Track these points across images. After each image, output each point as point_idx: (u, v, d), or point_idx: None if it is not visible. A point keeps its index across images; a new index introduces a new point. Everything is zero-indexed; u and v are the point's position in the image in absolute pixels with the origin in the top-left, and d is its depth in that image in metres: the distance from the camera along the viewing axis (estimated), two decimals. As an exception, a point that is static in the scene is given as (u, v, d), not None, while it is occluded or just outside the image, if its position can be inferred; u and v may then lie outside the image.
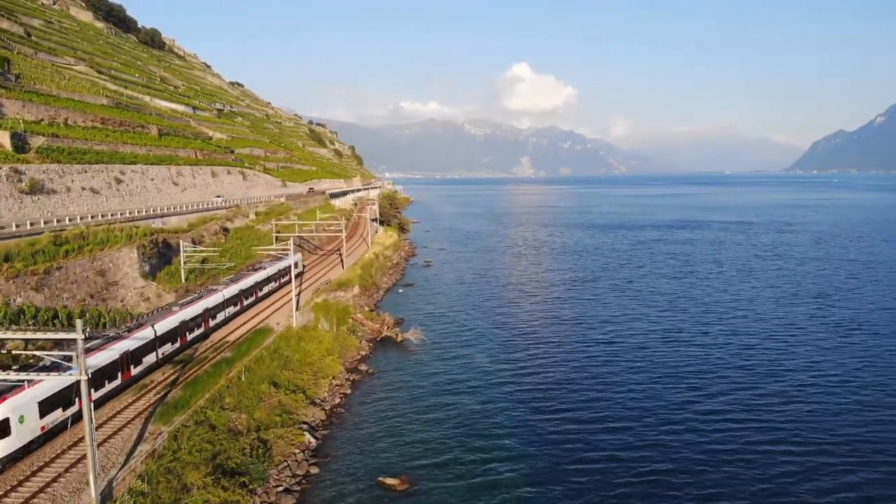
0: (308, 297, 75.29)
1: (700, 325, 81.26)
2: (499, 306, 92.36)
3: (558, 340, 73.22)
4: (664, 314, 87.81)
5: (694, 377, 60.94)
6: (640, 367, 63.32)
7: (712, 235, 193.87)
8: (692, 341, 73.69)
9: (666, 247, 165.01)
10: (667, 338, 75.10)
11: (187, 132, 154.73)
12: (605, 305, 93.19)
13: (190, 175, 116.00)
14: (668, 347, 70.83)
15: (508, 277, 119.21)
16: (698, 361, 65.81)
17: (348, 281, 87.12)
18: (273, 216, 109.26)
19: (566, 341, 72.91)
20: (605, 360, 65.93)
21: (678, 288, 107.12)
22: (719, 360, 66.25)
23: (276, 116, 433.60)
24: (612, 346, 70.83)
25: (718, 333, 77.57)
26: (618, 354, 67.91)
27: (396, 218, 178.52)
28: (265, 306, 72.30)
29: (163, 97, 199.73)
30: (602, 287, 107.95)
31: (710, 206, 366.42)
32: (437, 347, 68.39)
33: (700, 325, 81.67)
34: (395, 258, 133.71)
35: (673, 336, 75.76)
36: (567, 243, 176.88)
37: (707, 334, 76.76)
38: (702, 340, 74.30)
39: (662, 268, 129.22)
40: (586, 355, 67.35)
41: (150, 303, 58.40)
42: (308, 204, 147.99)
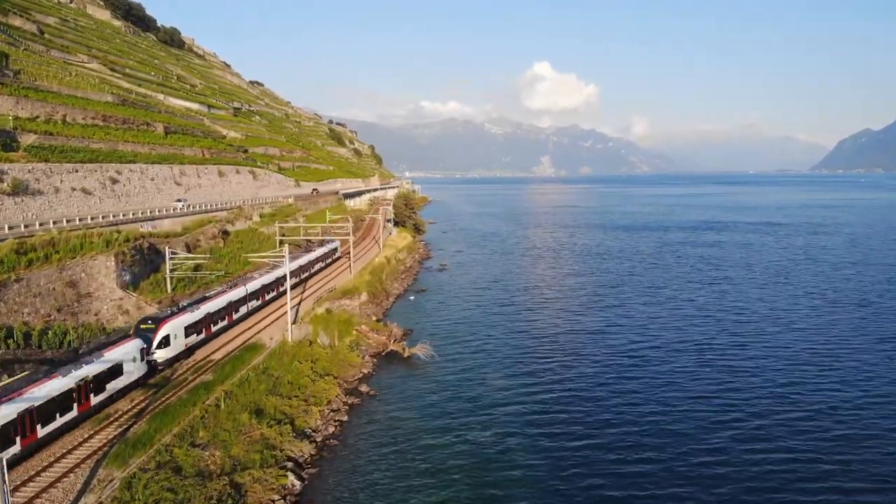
0: (309, 307, 69.59)
1: (735, 339, 74.31)
2: (515, 316, 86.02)
3: (580, 356, 66.77)
4: (695, 325, 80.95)
5: (732, 397, 54.39)
6: (673, 387, 56.77)
7: (741, 237, 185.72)
8: (727, 357, 66.86)
9: (693, 250, 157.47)
10: (700, 353, 68.35)
11: (198, 131, 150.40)
12: (630, 315, 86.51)
13: (194, 174, 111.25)
14: (701, 364, 64.11)
15: (526, 283, 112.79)
16: (736, 380, 59.10)
17: (355, 288, 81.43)
18: (279, 218, 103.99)
19: (589, 357, 66.47)
20: (633, 378, 59.44)
21: (709, 295, 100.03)
22: (758, 378, 59.50)
23: (295, 116, 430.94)
24: (640, 363, 64.24)
25: (756, 347, 70.62)
26: (647, 372, 61.41)
27: (412, 219, 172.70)
28: (259, 319, 66.52)
29: (177, 95, 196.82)
30: (627, 294, 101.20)
31: (735, 206, 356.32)
32: (446, 364, 62.22)
33: (735, 338, 74.72)
34: (408, 261, 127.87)
35: (706, 351, 68.95)
36: (588, 245, 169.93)
37: (743, 349, 69.82)
38: (738, 356, 67.45)
39: (690, 273, 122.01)
40: (612, 374, 60.86)
41: (130, 316, 53.12)
42: (319, 205, 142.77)
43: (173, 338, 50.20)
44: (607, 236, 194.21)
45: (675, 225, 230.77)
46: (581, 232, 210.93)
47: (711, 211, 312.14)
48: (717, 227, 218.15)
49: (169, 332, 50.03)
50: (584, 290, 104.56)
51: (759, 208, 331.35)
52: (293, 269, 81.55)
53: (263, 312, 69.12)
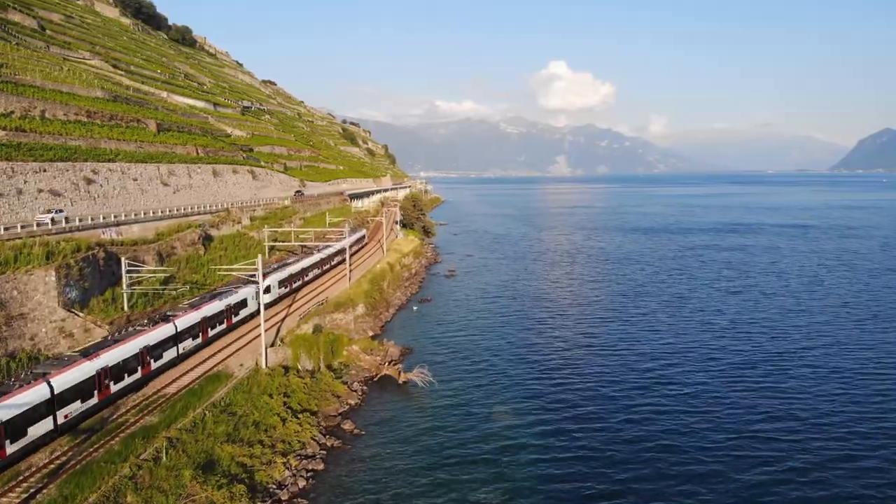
0: (293, 324, 61.69)
1: (775, 360, 65.65)
2: (526, 332, 77.58)
3: (598, 380, 58.32)
4: (727, 341, 72.35)
5: (774, 429, 46.38)
6: (710, 422, 48.46)
7: (767, 241, 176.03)
8: (767, 382, 58.45)
9: (718, 254, 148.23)
10: (733, 375, 59.97)
11: (197, 128, 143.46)
12: (653, 330, 77.89)
13: (185, 174, 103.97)
14: (738, 390, 55.67)
15: (539, 292, 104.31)
16: (778, 408, 50.90)
17: (350, 300, 73.57)
18: (273, 221, 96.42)
19: (608, 381, 58.04)
20: (657, 407, 51.16)
21: (739, 308, 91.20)
22: (802, 405, 51.22)
23: (308, 115, 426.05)
24: (665, 390, 55.74)
25: (797, 368, 62.20)
26: (673, 400, 53.01)
27: (420, 221, 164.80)
28: (234, 338, 58.51)
29: (182, 93, 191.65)
30: (648, 305, 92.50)
31: (758, 206, 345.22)
32: (446, 393, 53.97)
33: (775, 359, 66.05)
34: (414, 267, 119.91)
35: (743, 375, 60.45)
36: (606, 249, 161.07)
37: (784, 371, 61.26)
38: (778, 379, 59.15)
39: (717, 281, 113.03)
40: (634, 402, 52.54)
41: (75, 339, 45.64)
42: (320, 206, 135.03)
43: (274, 287, 71.48)
44: (626, 239, 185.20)
45: (697, 227, 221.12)
46: (598, 234, 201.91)
47: (733, 212, 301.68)
48: (740, 230, 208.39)
49: (270, 282, 71.01)
50: (602, 301, 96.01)
51: (782, 209, 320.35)
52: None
53: (241, 331, 61.23)
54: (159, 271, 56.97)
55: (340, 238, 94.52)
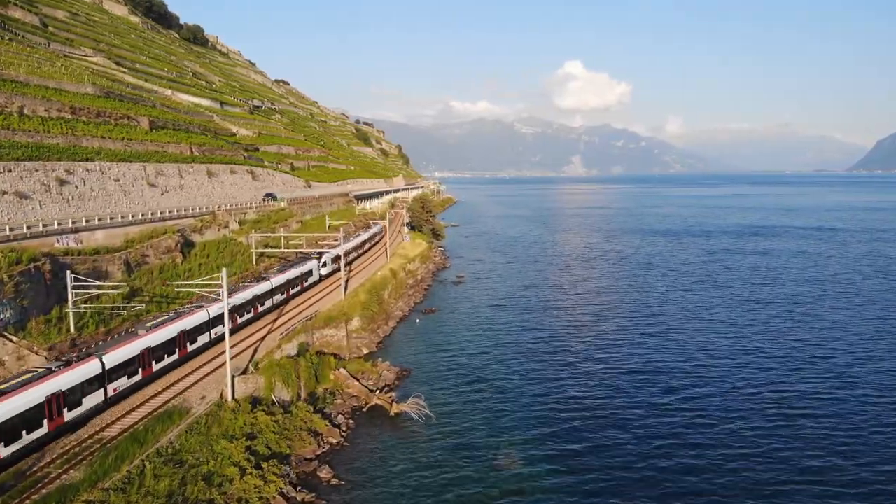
0: (274, 344, 54.61)
1: (813, 378, 58.09)
2: (538, 349, 69.94)
3: (620, 411, 50.77)
4: (762, 361, 64.59)
5: (823, 463, 38.70)
6: (745, 453, 41.11)
7: (794, 245, 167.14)
8: (811, 408, 50.87)
9: (743, 259, 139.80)
10: (774, 403, 52.37)
11: (196, 126, 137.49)
12: (681, 348, 69.99)
13: (176, 174, 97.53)
14: (778, 421, 48.12)
15: (553, 302, 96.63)
16: (827, 444, 43.31)
17: (344, 313, 66.54)
18: (266, 224, 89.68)
19: (632, 411, 50.60)
20: (692, 446, 43.71)
21: (772, 320, 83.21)
22: (852, 437, 43.60)
23: (321, 115, 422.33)
24: (700, 424, 48.21)
25: (843, 394, 54.44)
26: (710, 436, 45.53)
27: (429, 223, 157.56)
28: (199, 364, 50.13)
29: (188, 91, 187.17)
30: (673, 317, 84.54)
31: (779, 208, 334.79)
32: (444, 428, 46.51)
33: (813, 377, 58.48)
34: (420, 273, 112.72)
35: (781, 400, 52.91)
36: (624, 253, 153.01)
37: (829, 398, 53.51)
38: (821, 405, 51.51)
39: (745, 289, 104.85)
40: (662, 437, 45.18)
41: (6, 368, 39.06)
42: (321, 208, 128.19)
43: (330, 262, 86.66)
44: (644, 242, 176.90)
45: (718, 229, 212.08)
46: (615, 237, 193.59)
47: (754, 213, 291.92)
48: (764, 233, 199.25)
49: (327, 258, 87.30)
50: (622, 313, 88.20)
51: (805, 210, 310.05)
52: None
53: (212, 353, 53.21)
54: (107, 286, 49.19)
55: (335, 244, 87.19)
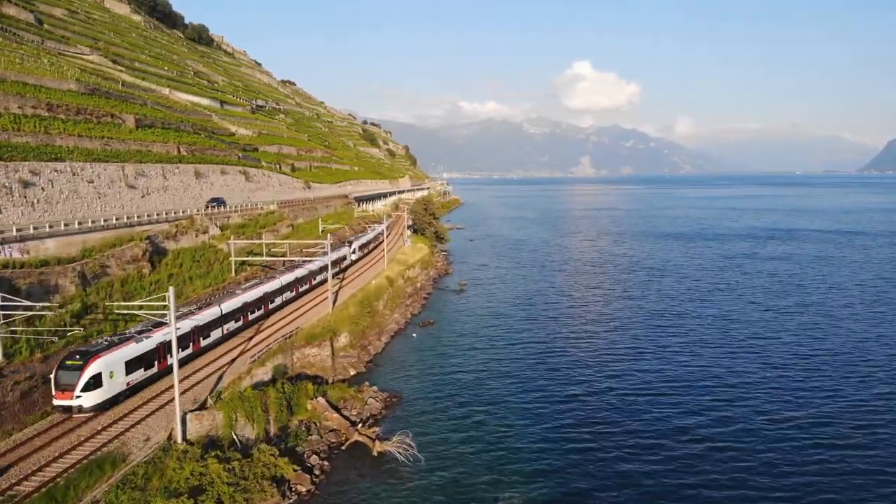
0: (244, 369, 48.12)
1: (855, 405, 51.37)
2: (544, 368, 63.23)
3: (636, 446, 44.39)
4: (793, 382, 57.91)
5: None
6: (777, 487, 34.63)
7: (814, 249, 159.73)
8: (851, 434, 44.26)
9: (762, 265, 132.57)
10: (809, 430, 45.77)
11: (189, 125, 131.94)
12: (701, 367, 63.10)
13: (159, 175, 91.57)
14: (811, 451, 41.52)
15: (561, 312, 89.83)
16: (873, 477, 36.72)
17: (330, 329, 60.21)
18: (252, 230, 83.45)
19: (646, 446, 44.23)
20: (716, 485, 37.25)
21: (800, 333, 76.29)
22: None
23: (327, 115, 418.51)
24: (727, 457, 41.82)
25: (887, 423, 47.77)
26: (737, 473, 39.08)
27: (432, 226, 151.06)
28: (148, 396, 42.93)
29: (188, 90, 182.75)
30: (691, 330, 77.57)
31: (793, 209, 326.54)
32: (432, 474, 39.60)
33: (853, 401, 51.79)
34: (420, 280, 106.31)
35: (815, 426, 46.32)
36: (635, 258, 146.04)
37: (872, 427, 46.88)
38: (861, 434, 44.88)
39: (768, 298, 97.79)
40: (681, 477, 38.71)
41: None
42: (317, 211, 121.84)
43: (357, 249, 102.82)
44: (656, 246, 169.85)
45: (732, 232, 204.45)
46: (626, 240, 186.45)
47: (769, 215, 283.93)
48: (781, 236, 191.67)
49: (355, 245, 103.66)
50: (635, 325, 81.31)
51: (821, 212, 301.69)
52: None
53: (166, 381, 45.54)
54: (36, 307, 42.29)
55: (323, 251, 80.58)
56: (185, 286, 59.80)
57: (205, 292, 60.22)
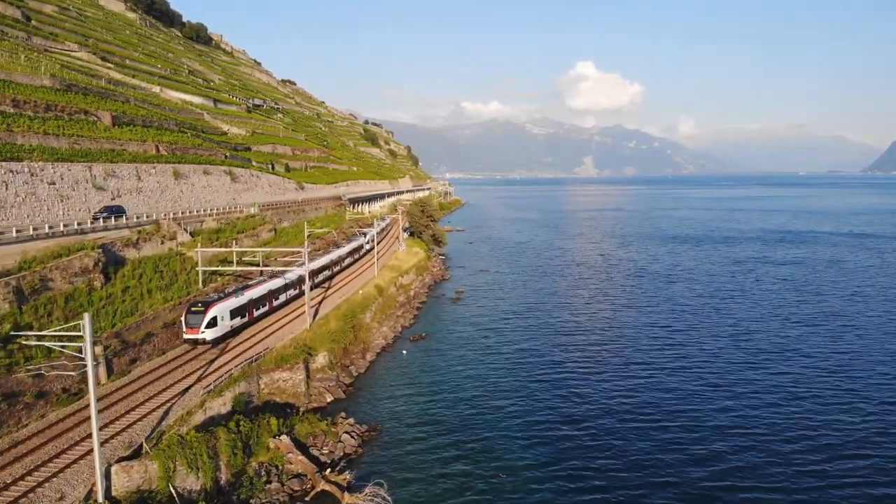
0: (195, 403, 41.35)
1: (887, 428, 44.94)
2: (546, 391, 56.52)
3: (647, 481, 38.00)
4: (820, 401, 51.42)
5: None
6: None
7: (827, 253, 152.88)
8: None
9: (775, 270, 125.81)
10: (839, 460, 39.32)
11: (172, 122, 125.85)
12: (718, 385, 56.66)
13: (132, 175, 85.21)
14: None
15: (563, 323, 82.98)
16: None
17: (304, 349, 53.74)
18: (227, 235, 77.01)
19: (663, 480, 37.76)
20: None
21: (821, 347, 69.88)
22: None
23: (327, 115, 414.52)
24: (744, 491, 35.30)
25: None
26: None
27: (429, 229, 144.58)
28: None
29: (181, 89, 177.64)
30: (705, 344, 70.75)
31: (801, 210, 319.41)
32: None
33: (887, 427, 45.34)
34: (413, 287, 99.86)
35: (847, 455, 39.87)
36: (641, 262, 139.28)
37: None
38: None
39: (784, 307, 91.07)
40: None
41: None
42: (304, 213, 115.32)
43: (373, 238, 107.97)
44: (663, 249, 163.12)
45: (742, 235, 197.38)
46: (631, 243, 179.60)
47: (777, 217, 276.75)
48: (791, 239, 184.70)
49: (371, 236, 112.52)
50: (643, 340, 74.52)
51: (829, 214, 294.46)
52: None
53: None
54: None
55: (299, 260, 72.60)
56: (142, 301, 53.25)
57: (164, 307, 53.67)
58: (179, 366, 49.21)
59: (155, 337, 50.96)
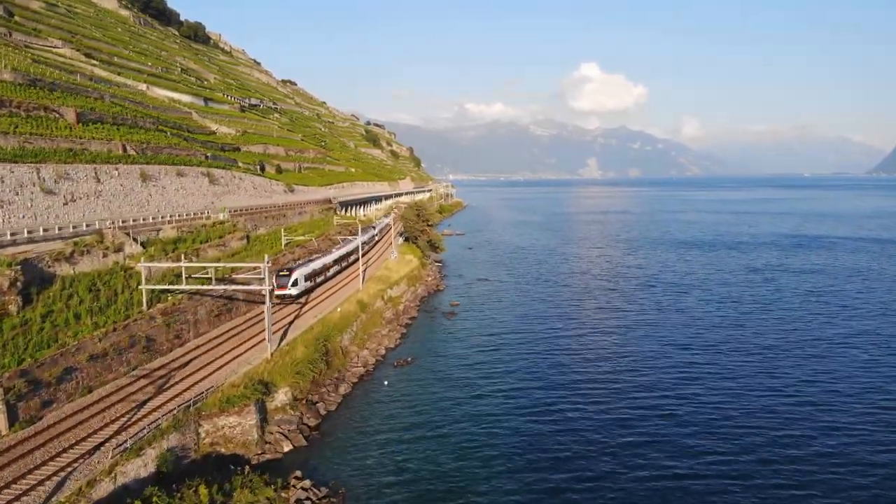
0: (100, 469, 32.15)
1: None
2: (549, 432, 47.91)
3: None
4: (861, 442, 42.75)
5: None
6: None
7: (848, 260, 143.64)
8: None
9: (795, 280, 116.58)
10: None
11: (148, 120, 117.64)
12: (747, 422, 47.98)
13: (90, 177, 76.68)
14: None
15: (569, 343, 73.85)
16: None
17: (257, 387, 44.95)
18: (188, 246, 68.34)
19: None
20: None
21: (854, 369, 61.23)
22: None
23: (328, 116, 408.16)
24: None
25: None
26: None
27: (425, 234, 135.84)
28: None
29: (170, 87, 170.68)
30: (727, 373, 61.93)
31: (812, 213, 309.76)
32: None
33: None
34: (403, 300, 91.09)
35: None
36: (650, 270, 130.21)
37: None
38: None
39: (812, 325, 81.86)
40: None
41: None
42: (286, 219, 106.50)
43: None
44: (672, 256, 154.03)
45: (754, 240, 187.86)
46: (638, 248, 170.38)
47: (788, 220, 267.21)
48: (808, 244, 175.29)
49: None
50: (658, 363, 65.45)
51: (842, 217, 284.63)
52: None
53: None
54: None
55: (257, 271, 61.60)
56: (65, 329, 44.56)
57: (93, 336, 44.93)
58: (106, 408, 40.65)
59: (78, 372, 42.32)
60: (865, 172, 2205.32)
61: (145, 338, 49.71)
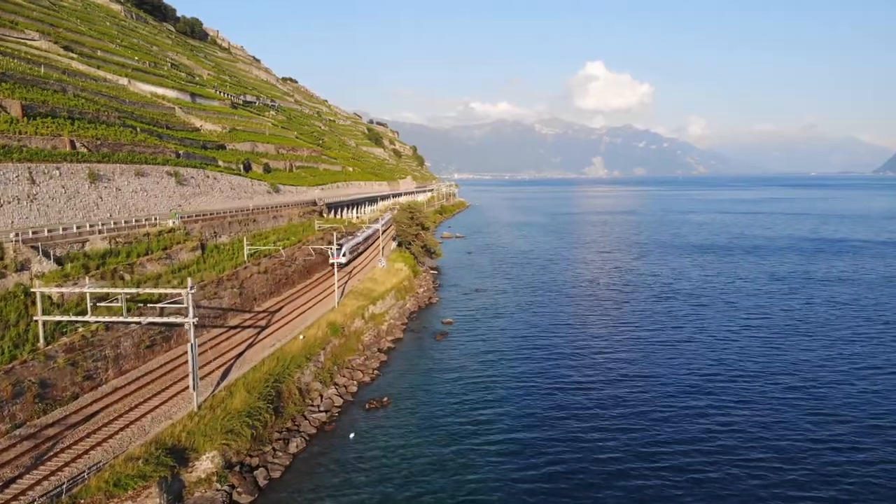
0: None
1: None
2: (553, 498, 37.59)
3: None
4: None
5: None
6: None
7: (877, 266, 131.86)
8: None
9: (824, 291, 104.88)
10: None
11: (122, 114, 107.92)
12: (782, 465, 37.34)
13: (23, 179, 66.22)
14: None
15: (576, 374, 62.97)
16: None
17: (164, 461, 34.23)
18: (119, 261, 57.38)
19: None
20: None
21: None
22: None
23: (329, 114, 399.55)
24: None
25: None
26: None
27: (419, 238, 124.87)
28: None
29: (154, 82, 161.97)
30: (758, 407, 51.27)
31: (828, 214, 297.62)
32: None
33: None
34: (388, 318, 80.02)
35: None
36: (663, 279, 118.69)
37: None
38: None
39: (851, 346, 71.10)
40: None
41: None
42: (257, 224, 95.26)
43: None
44: (686, 261, 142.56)
45: (771, 244, 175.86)
46: (649, 253, 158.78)
47: (805, 221, 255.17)
48: (829, 248, 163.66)
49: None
50: (678, 397, 54.80)
51: (859, 218, 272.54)
52: None
53: None
54: None
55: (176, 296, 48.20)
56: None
57: None
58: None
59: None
60: (872, 172, 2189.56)
61: (37, 384, 38.99)
